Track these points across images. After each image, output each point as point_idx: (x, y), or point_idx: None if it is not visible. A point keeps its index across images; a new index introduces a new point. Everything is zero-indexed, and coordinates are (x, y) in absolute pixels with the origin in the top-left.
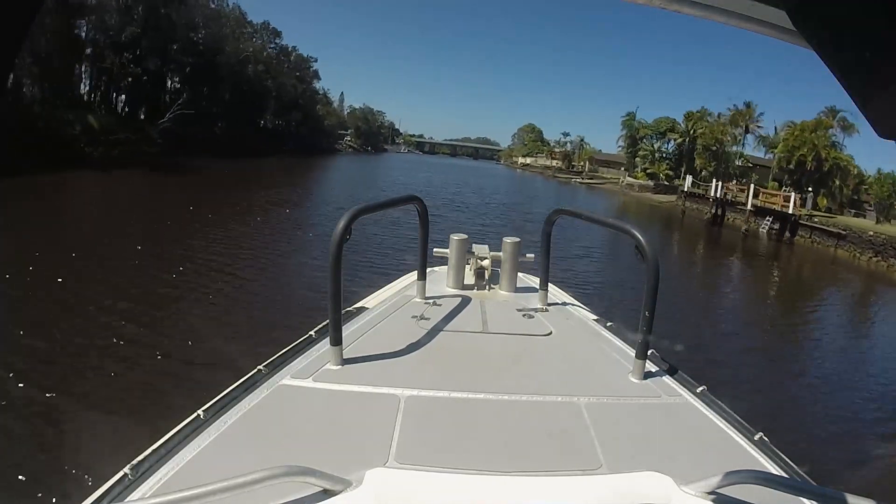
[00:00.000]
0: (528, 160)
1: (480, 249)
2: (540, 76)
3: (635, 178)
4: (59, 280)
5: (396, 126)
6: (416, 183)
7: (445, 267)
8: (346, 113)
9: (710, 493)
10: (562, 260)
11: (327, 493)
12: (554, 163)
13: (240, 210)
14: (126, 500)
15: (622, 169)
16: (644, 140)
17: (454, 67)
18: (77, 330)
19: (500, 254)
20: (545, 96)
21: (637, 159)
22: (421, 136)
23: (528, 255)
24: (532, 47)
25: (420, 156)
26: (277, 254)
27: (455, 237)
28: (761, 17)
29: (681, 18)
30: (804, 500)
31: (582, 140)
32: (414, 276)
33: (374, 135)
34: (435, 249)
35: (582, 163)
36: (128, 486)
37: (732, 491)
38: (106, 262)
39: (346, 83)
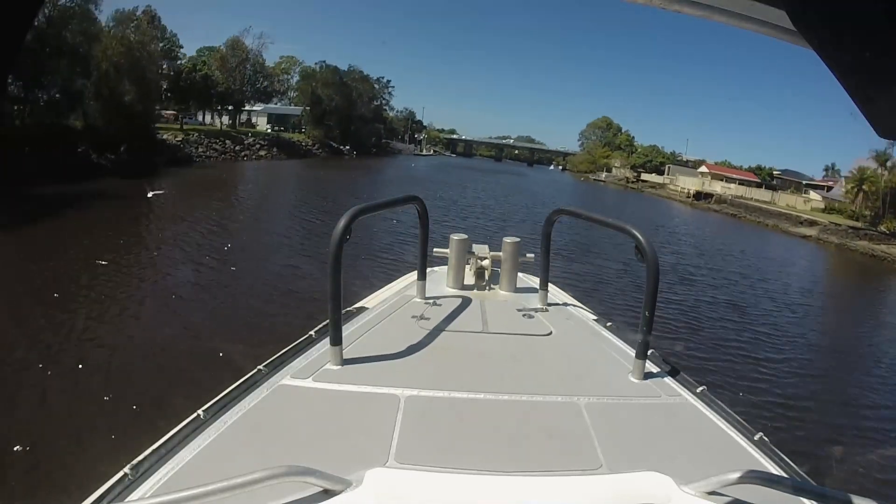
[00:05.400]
0: (692, 183)
1: (480, 249)
2: (594, 67)
3: None
4: None
5: (419, 117)
6: None
7: (445, 267)
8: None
9: (710, 493)
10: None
11: (327, 493)
12: (834, 208)
13: None
14: (126, 500)
15: None
16: None
17: (484, 54)
18: None
19: (500, 254)
20: (607, 91)
21: None
22: (452, 131)
23: (528, 255)
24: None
25: (450, 158)
26: None
27: (455, 237)
28: (761, 17)
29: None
30: (804, 500)
31: None
32: (414, 276)
33: (363, 121)
34: (435, 249)
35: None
36: (128, 486)
37: (732, 491)
38: None
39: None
